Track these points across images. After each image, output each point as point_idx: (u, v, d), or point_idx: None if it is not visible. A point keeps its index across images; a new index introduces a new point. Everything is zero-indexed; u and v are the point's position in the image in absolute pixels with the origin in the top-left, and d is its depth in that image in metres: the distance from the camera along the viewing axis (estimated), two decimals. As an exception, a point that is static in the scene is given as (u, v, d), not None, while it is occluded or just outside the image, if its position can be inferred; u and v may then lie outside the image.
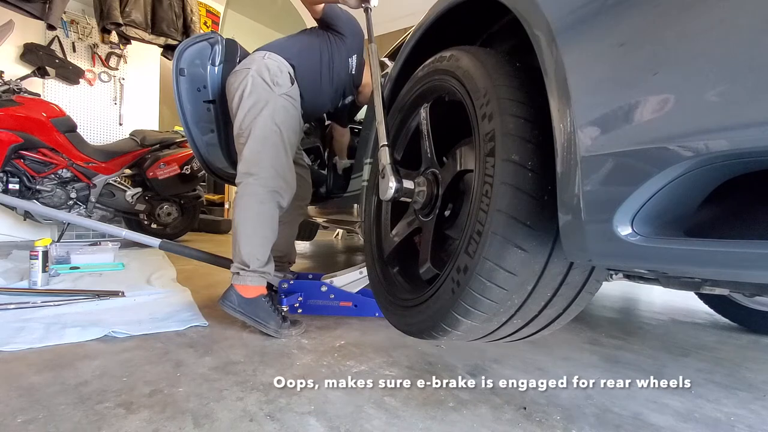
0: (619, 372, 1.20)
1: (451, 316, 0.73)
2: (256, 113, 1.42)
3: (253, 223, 1.42)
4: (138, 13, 3.28)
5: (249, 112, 1.43)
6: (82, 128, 3.40)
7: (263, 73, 1.45)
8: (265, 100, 1.43)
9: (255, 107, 1.43)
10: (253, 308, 1.36)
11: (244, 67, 1.48)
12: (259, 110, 1.43)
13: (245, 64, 1.49)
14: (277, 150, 1.45)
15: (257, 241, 1.41)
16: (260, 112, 1.42)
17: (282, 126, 1.45)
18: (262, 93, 1.43)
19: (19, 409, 0.84)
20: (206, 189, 5.21)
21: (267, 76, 1.45)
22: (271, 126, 1.43)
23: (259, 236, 1.42)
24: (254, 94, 1.43)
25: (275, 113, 1.44)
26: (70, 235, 3.46)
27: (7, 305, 1.49)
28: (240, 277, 1.38)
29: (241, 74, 1.47)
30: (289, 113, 1.49)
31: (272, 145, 1.43)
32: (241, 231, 1.41)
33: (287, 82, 1.49)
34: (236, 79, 1.47)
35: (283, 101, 1.47)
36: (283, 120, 1.46)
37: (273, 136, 1.44)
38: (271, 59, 1.48)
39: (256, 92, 1.43)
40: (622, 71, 0.51)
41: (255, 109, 1.43)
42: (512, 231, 0.64)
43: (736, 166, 0.44)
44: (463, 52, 0.85)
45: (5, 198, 2.48)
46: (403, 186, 0.95)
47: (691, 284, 0.63)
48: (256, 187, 1.41)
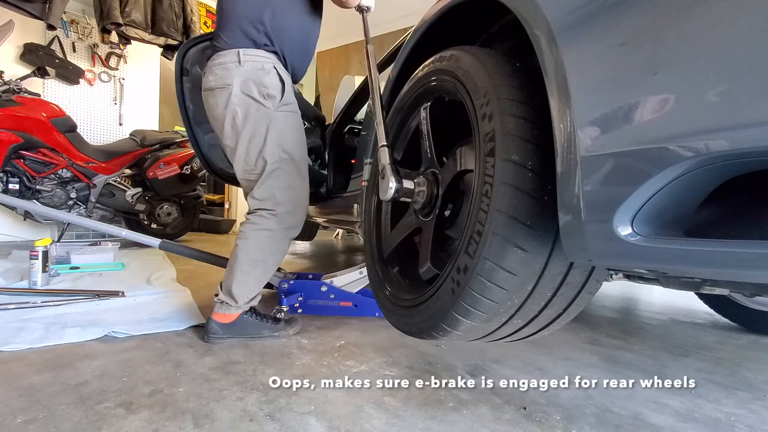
0: (619, 372, 1.19)
1: (451, 316, 0.73)
2: (260, 144, 1.26)
3: (253, 260, 1.29)
4: (138, 13, 3.28)
5: (251, 144, 1.27)
6: (82, 128, 3.40)
7: (250, 88, 1.25)
8: (265, 125, 1.26)
9: (256, 137, 1.26)
10: (239, 328, 1.30)
11: (222, 84, 1.26)
12: (262, 140, 1.26)
13: (222, 77, 1.26)
14: (293, 179, 1.32)
15: (253, 280, 1.31)
16: (264, 141, 1.26)
17: (292, 149, 1.31)
18: (258, 116, 1.26)
19: (19, 409, 0.84)
20: (206, 189, 5.21)
21: (255, 92, 1.25)
22: (280, 155, 1.28)
23: (257, 274, 1.31)
24: (250, 120, 1.25)
25: (281, 137, 1.28)
26: (70, 235, 3.46)
27: (7, 305, 1.49)
28: (222, 307, 1.29)
29: (222, 95, 1.26)
30: (294, 128, 1.34)
31: (287, 176, 1.30)
32: (239, 264, 1.28)
33: (277, 84, 1.29)
34: (218, 102, 1.27)
35: (284, 117, 1.30)
36: (291, 140, 1.31)
37: (286, 165, 1.29)
38: (250, 61, 1.26)
39: (251, 118, 1.25)
40: (622, 71, 0.51)
41: (257, 139, 1.26)
42: (512, 231, 0.64)
43: (736, 166, 0.44)
44: (463, 52, 0.85)
45: (5, 198, 2.48)
46: (403, 186, 0.95)
47: (691, 284, 0.63)
48: (272, 223, 1.29)
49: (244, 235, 1.30)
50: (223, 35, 1.29)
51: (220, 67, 1.27)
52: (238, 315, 1.30)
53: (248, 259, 1.29)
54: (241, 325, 1.31)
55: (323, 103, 5.39)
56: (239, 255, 1.29)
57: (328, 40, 5.03)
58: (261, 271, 1.32)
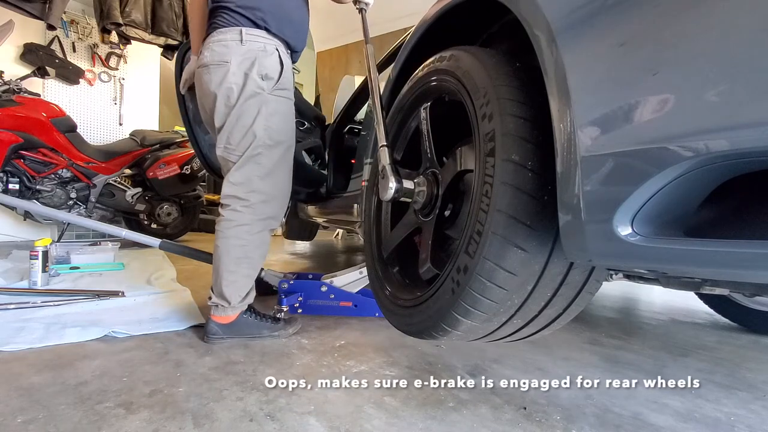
0: (620, 372, 1.20)
1: (451, 316, 0.73)
2: (247, 124, 1.24)
3: (237, 258, 1.26)
4: (138, 13, 3.28)
5: (238, 123, 1.24)
6: (82, 128, 3.40)
7: (248, 68, 1.23)
8: (256, 107, 1.24)
9: (244, 116, 1.23)
10: (239, 329, 1.30)
11: (220, 60, 1.23)
12: (251, 120, 1.24)
13: (220, 54, 1.24)
14: (275, 167, 1.28)
15: (241, 278, 1.28)
16: (252, 123, 1.24)
17: (279, 136, 1.28)
18: (251, 96, 1.24)
19: (19, 409, 0.84)
20: (206, 189, 5.20)
21: (254, 72, 1.23)
22: (265, 140, 1.25)
23: (243, 271, 1.28)
24: (242, 99, 1.23)
25: (269, 121, 1.26)
26: (70, 235, 3.46)
27: (7, 305, 1.49)
28: (219, 310, 1.27)
29: (218, 71, 1.23)
30: (284, 114, 1.32)
31: (268, 163, 1.27)
32: (223, 265, 1.26)
33: (276, 66, 1.27)
34: (212, 78, 1.25)
35: (276, 101, 1.28)
36: (279, 126, 1.29)
37: (268, 152, 1.26)
38: (252, 41, 1.24)
39: (244, 97, 1.23)
40: (622, 71, 0.51)
41: (245, 119, 1.23)
42: (512, 231, 0.64)
43: (736, 166, 0.44)
44: (463, 52, 0.85)
45: (5, 198, 2.48)
46: (403, 186, 0.95)
47: (691, 284, 0.63)
48: (246, 216, 1.26)
49: (221, 234, 1.27)
50: (224, 14, 1.27)
51: (218, 44, 1.25)
52: (237, 315, 1.30)
53: (231, 259, 1.27)
54: (241, 325, 1.30)
55: (323, 103, 5.39)
56: (221, 256, 1.27)
57: (328, 40, 5.03)
58: (247, 267, 1.30)
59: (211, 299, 1.30)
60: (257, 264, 1.34)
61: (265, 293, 1.73)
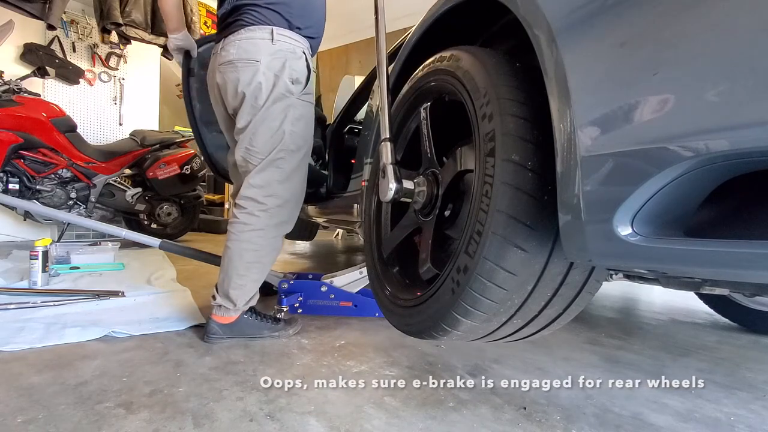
0: (620, 372, 1.20)
1: (451, 316, 0.73)
2: (273, 128, 1.22)
3: (248, 263, 1.26)
4: (138, 13, 3.28)
5: (263, 125, 1.22)
6: (82, 128, 3.40)
7: (279, 69, 1.21)
8: (283, 111, 1.23)
9: (270, 120, 1.22)
10: (239, 329, 1.29)
11: (248, 59, 1.21)
12: (277, 124, 1.22)
13: (249, 51, 1.21)
14: (293, 172, 1.28)
15: (250, 282, 1.28)
16: (278, 127, 1.22)
17: (301, 142, 1.28)
18: (279, 102, 1.22)
19: (19, 409, 0.84)
20: (206, 189, 5.21)
21: (285, 75, 1.22)
22: (288, 145, 1.25)
23: (253, 275, 1.28)
24: (269, 103, 1.21)
25: (294, 127, 1.25)
26: (70, 235, 3.46)
27: (7, 305, 1.49)
28: (221, 310, 1.27)
29: (246, 70, 1.21)
30: (308, 120, 1.32)
31: (289, 168, 1.26)
32: (234, 268, 1.25)
33: (304, 70, 1.27)
34: (239, 77, 1.22)
35: (302, 106, 1.27)
36: (303, 132, 1.28)
37: (290, 157, 1.25)
38: (283, 41, 1.22)
39: (272, 99, 1.21)
40: (622, 71, 0.51)
41: (270, 122, 1.22)
42: (512, 231, 0.64)
43: (736, 166, 0.44)
44: (464, 52, 0.85)
45: (5, 198, 2.48)
46: (403, 186, 0.95)
47: (691, 284, 0.63)
48: (262, 221, 1.25)
49: (235, 237, 1.26)
50: (251, 11, 1.24)
51: (248, 41, 1.21)
52: (238, 316, 1.30)
53: (243, 263, 1.26)
54: (241, 325, 1.30)
55: (323, 103, 5.39)
56: (233, 258, 1.25)
57: (328, 40, 5.01)
58: (257, 272, 1.30)
59: (215, 299, 1.29)
60: (267, 269, 1.33)
61: (265, 293, 1.73)
